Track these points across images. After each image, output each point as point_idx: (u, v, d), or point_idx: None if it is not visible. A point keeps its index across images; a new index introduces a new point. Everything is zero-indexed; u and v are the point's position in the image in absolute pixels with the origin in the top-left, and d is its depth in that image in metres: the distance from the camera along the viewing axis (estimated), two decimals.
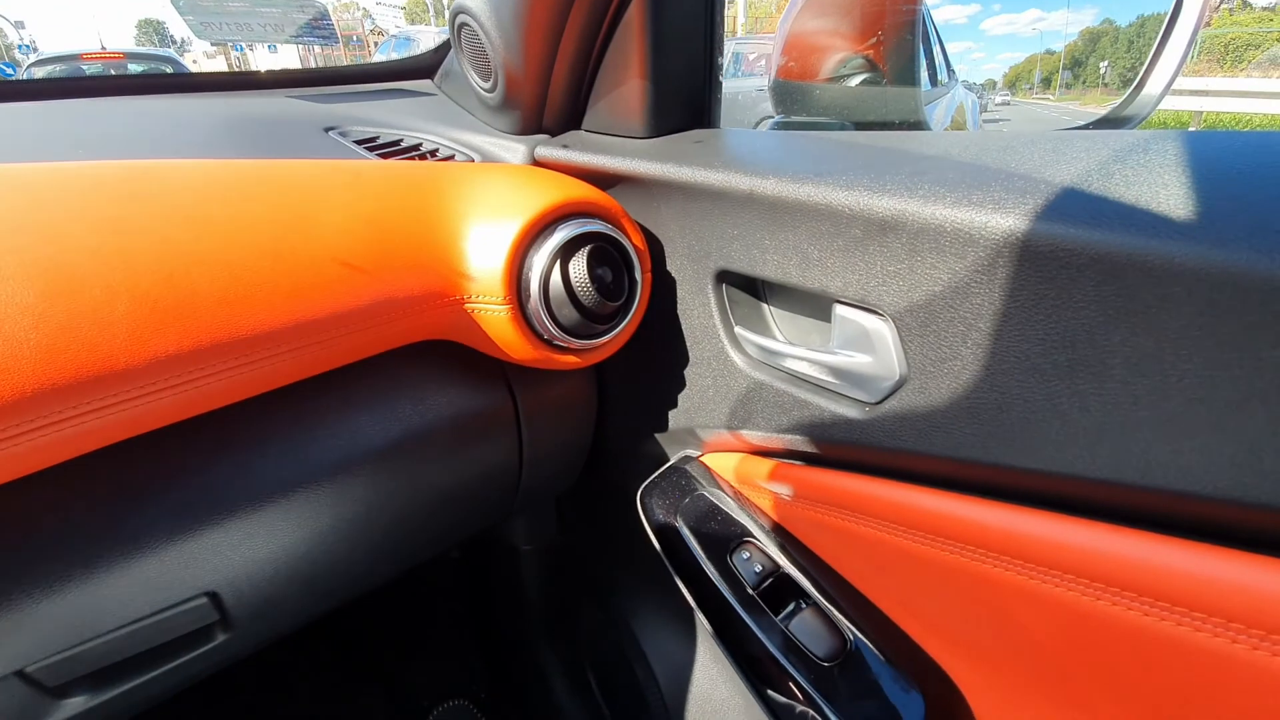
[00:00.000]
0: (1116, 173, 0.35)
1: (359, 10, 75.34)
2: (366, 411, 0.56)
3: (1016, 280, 0.36)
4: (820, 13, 0.73)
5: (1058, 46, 1.54)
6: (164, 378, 0.41)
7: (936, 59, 1.20)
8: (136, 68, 7.19)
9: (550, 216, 0.55)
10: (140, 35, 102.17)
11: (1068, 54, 1.45)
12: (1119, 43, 1.33)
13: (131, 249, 0.41)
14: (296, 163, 0.54)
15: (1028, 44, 1.51)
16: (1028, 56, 1.64)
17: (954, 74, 1.33)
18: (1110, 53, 1.31)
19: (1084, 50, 1.37)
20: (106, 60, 7.08)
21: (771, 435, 0.57)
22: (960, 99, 1.33)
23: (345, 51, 53.70)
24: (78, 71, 6.79)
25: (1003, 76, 1.64)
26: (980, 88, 1.50)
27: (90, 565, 0.45)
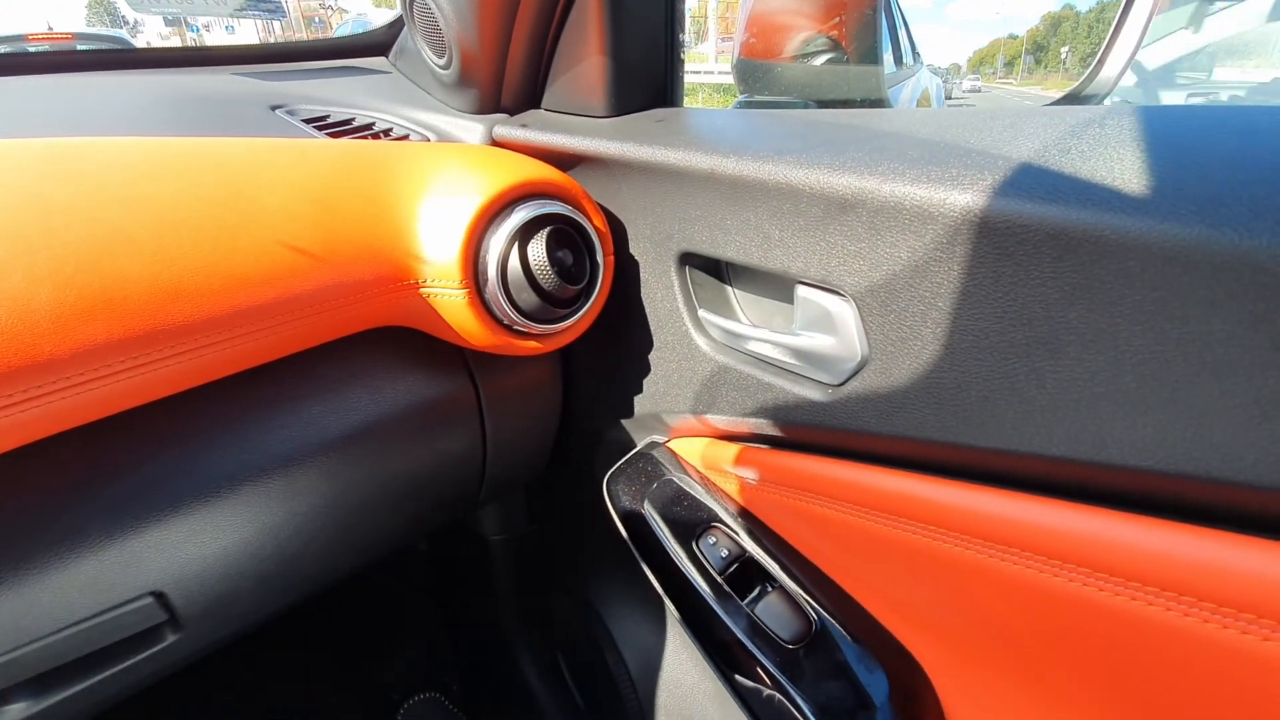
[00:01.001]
0: (1073, 148, 0.35)
1: None
2: (319, 401, 0.54)
3: (975, 257, 0.36)
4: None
5: (1020, 31, 1.54)
6: (92, 369, 0.39)
7: (902, 41, 1.19)
8: (86, 48, 6.90)
9: (508, 197, 0.53)
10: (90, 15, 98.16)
11: (1030, 39, 1.44)
12: (1079, 28, 1.35)
13: (55, 232, 0.39)
14: (236, 141, 0.52)
15: (992, 28, 1.47)
16: (991, 41, 1.65)
17: (919, 57, 1.33)
18: (1071, 38, 1.31)
19: (1045, 35, 1.35)
20: (54, 42, 6.77)
21: (736, 419, 0.56)
22: (925, 83, 1.33)
23: (308, 33, 52.27)
24: (26, 53, 6.50)
25: (967, 60, 1.65)
26: (945, 71, 1.51)
27: (21, 565, 0.42)
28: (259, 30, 46.14)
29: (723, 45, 17.57)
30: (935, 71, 1.40)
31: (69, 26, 50.48)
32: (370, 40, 0.85)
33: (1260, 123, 0.35)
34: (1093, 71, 0.68)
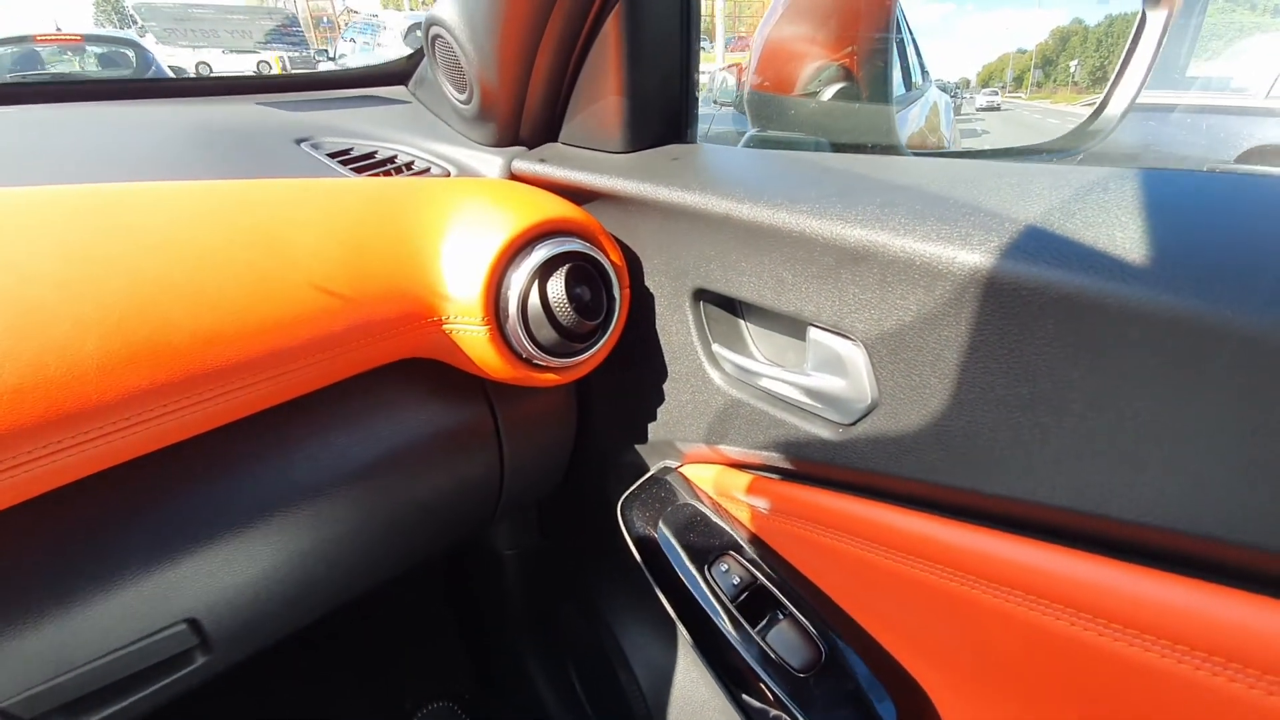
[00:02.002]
0: (1077, 212, 0.37)
1: None
2: (345, 432, 0.56)
3: (982, 314, 0.37)
4: (795, 24, 0.74)
5: (1029, 45, 1.52)
6: (137, 413, 0.40)
7: (911, 62, 1.20)
8: (96, 49, 6.94)
9: (528, 236, 0.55)
10: (98, 13, 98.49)
11: (1039, 53, 1.44)
12: (1088, 42, 1.35)
13: (101, 280, 0.41)
14: (269, 183, 0.54)
15: (1000, 43, 1.45)
16: (1000, 56, 1.62)
17: (928, 75, 1.34)
18: (1080, 51, 1.32)
19: (1054, 49, 1.35)
20: (63, 43, 6.80)
21: (749, 451, 0.58)
22: (934, 99, 1.34)
23: (316, 33, 52.32)
24: (31, 54, 6.53)
25: (976, 75, 1.66)
26: (955, 86, 1.52)
27: (65, 599, 0.44)
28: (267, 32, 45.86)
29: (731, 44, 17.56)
30: (945, 88, 1.41)
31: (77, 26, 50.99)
32: (390, 70, 0.87)
33: (1259, 194, 0.36)
34: (1097, 111, 0.69)
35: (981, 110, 1.76)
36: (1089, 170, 0.42)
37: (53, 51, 6.72)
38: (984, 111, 1.77)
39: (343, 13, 54.50)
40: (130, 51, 6.98)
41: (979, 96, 1.74)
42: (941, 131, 1.27)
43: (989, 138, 1.68)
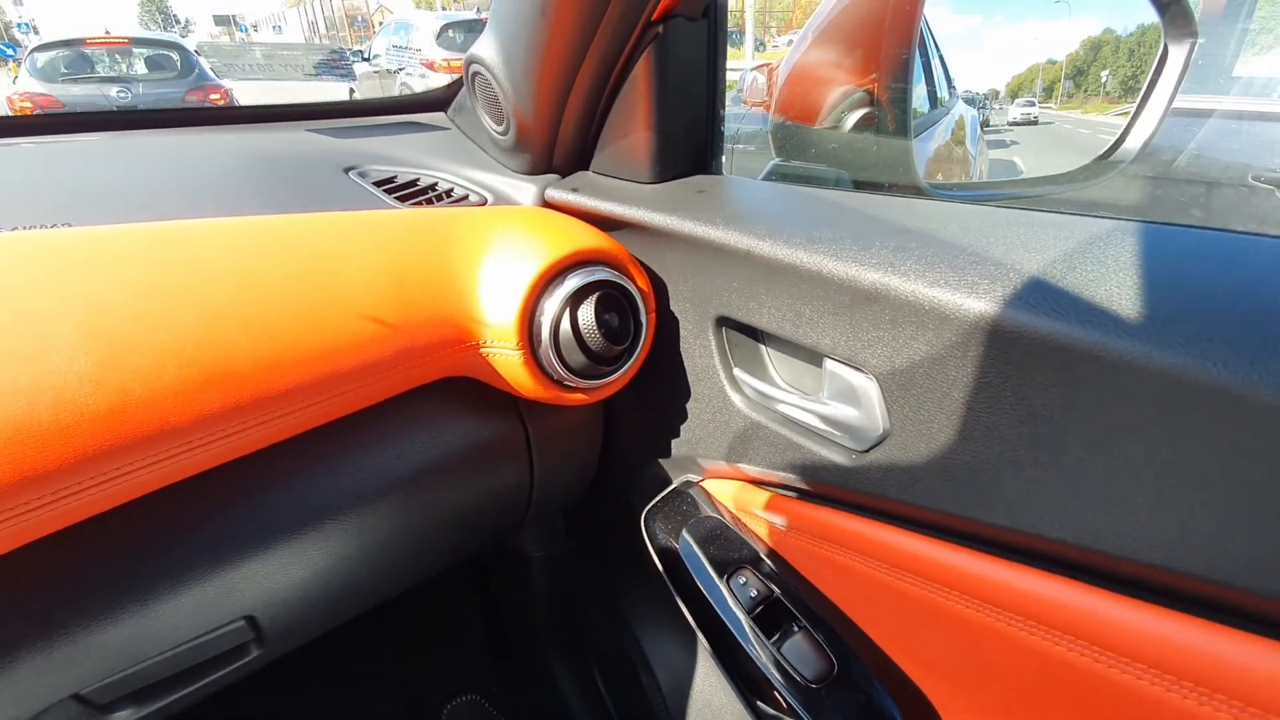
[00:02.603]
0: (1079, 266, 0.39)
1: None
2: (388, 446, 0.60)
3: (986, 358, 0.39)
4: (819, 53, 0.76)
5: (1059, 56, 1.49)
6: (208, 433, 0.45)
7: (937, 76, 1.21)
8: (142, 52, 7.20)
9: (561, 266, 0.58)
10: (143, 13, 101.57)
11: (1069, 63, 1.40)
12: (1119, 52, 1.31)
13: (173, 313, 0.45)
14: (321, 217, 0.58)
15: (1030, 54, 1.41)
16: (1029, 66, 1.58)
17: (954, 90, 1.35)
18: (1111, 61, 1.28)
19: (1085, 59, 1.32)
20: (111, 45, 7.07)
21: (767, 470, 0.61)
22: (959, 114, 1.34)
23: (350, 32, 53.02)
24: (82, 57, 6.80)
25: (1005, 86, 1.63)
26: (984, 98, 1.51)
27: (141, 596, 0.49)
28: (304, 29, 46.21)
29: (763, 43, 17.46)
30: (972, 100, 1.40)
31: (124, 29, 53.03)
32: (431, 98, 0.92)
33: (1255, 256, 0.38)
34: (1116, 143, 0.70)
35: (1015, 123, 1.55)
36: (1093, 222, 0.44)
37: (101, 54, 6.99)
38: (1017, 124, 1.56)
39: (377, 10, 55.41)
40: (175, 54, 7.23)
41: (1012, 108, 1.56)
42: (967, 146, 1.28)
43: (1017, 149, 1.64)
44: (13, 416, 0.38)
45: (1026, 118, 1.56)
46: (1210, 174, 1.26)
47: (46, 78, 6.43)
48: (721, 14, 0.62)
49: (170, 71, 7.02)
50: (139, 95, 6.62)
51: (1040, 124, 1.55)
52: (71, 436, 0.39)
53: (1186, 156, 1.24)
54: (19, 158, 0.73)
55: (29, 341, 0.40)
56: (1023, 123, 1.56)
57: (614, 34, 0.57)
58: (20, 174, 0.69)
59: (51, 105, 6.24)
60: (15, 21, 59.35)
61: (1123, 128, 0.70)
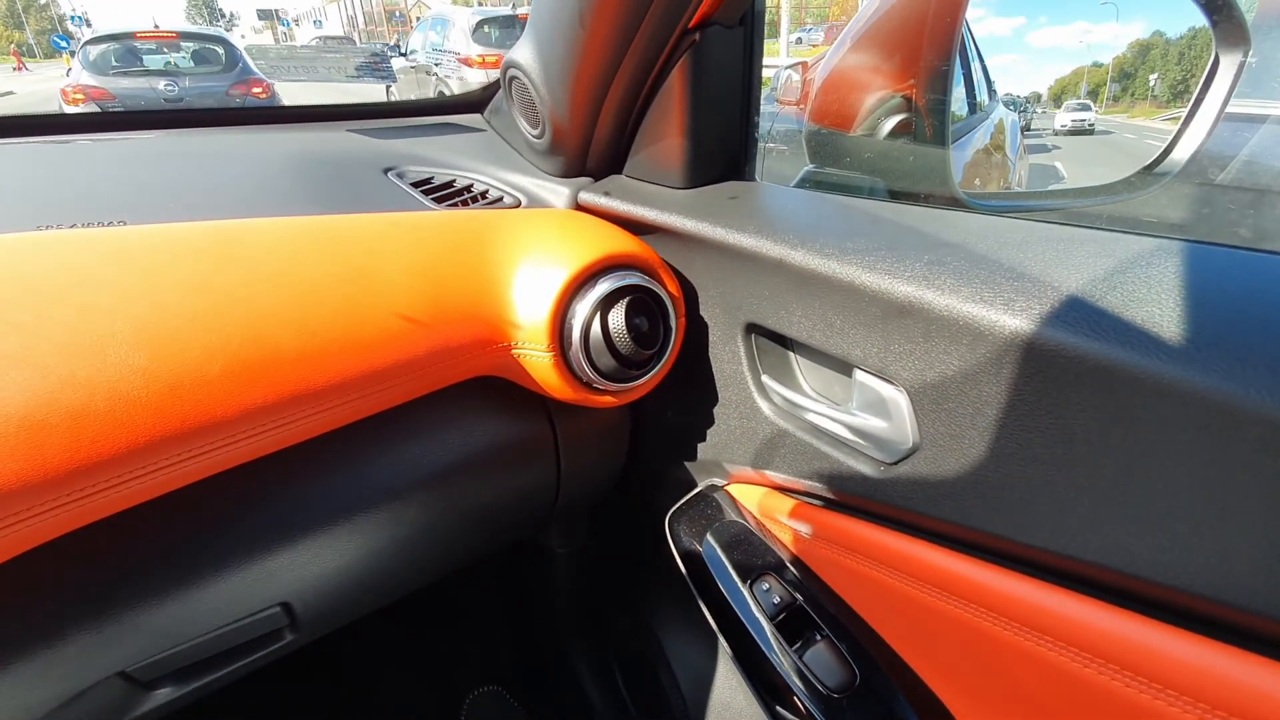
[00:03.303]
0: (1119, 285, 0.38)
1: None
2: (421, 443, 0.62)
3: (1022, 376, 0.39)
4: (856, 58, 0.75)
5: (1105, 59, 1.42)
6: (251, 427, 0.47)
7: (976, 80, 1.19)
8: (189, 45, 7.40)
9: (592, 270, 0.59)
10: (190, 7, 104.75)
11: (1116, 66, 1.35)
12: (1168, 55, 1.25)
13: (223, 312, 0.47)
14: (361, 219, 0.60)
15: (1075, 56, 1.35)
16: (1074, 69, 1.52)
17: (995, 94, 1.32)
18: (1160, 65, 1.23)
19: (1132, 63, 1.26)
20: (159, 39, 7.29)
21: (793, 478, 0.61)
22: (999, 117, 1.32)
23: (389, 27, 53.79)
24: (132, 49, 7.01)
25: (1048, 89, 1.57)
26: (1025, 100, 1.48)
27: (185, 581, 0.51)
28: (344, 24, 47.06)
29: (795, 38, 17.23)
30: (1013, 103, 1.37)
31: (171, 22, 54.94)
32: (468, 99, 0.93)
33: None
34: (1163, 153, 0.68)
35: (1065, 131, 1.28)
36: (1134, 240, 0.43)
37: (150, 47, 7.21)
38: (1067, 132, 1.28)
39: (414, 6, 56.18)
40: (220, 48, 7.42)
41: (1060, 113, 1.30)
42: (1006, 152, 1.25)
43: (1058, 154, 1.58)
44: (72, 406, 0.40)
45: (1079, 125, 1.26)
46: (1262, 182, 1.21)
47: (98, 70, 6.65)
48: (758, 21, 0.62)
49: (215, 65, 7.22)
50: (185, 88, 6.81)
51: (1098, 133, 1.28)
52: (125, 426, 0.41)
53: (1238, 164, 1.20)
54: (79, 155, 0.77)
55: (90, 337, 0.42)
56: (1075, 131, 1.26)
57: (650, 41, 0.58)
58: (81, 171, 0.72)
59: (103, 97, 6.46)
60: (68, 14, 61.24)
61: (1170, 137, 0.68)
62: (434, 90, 8.21)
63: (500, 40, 7.77)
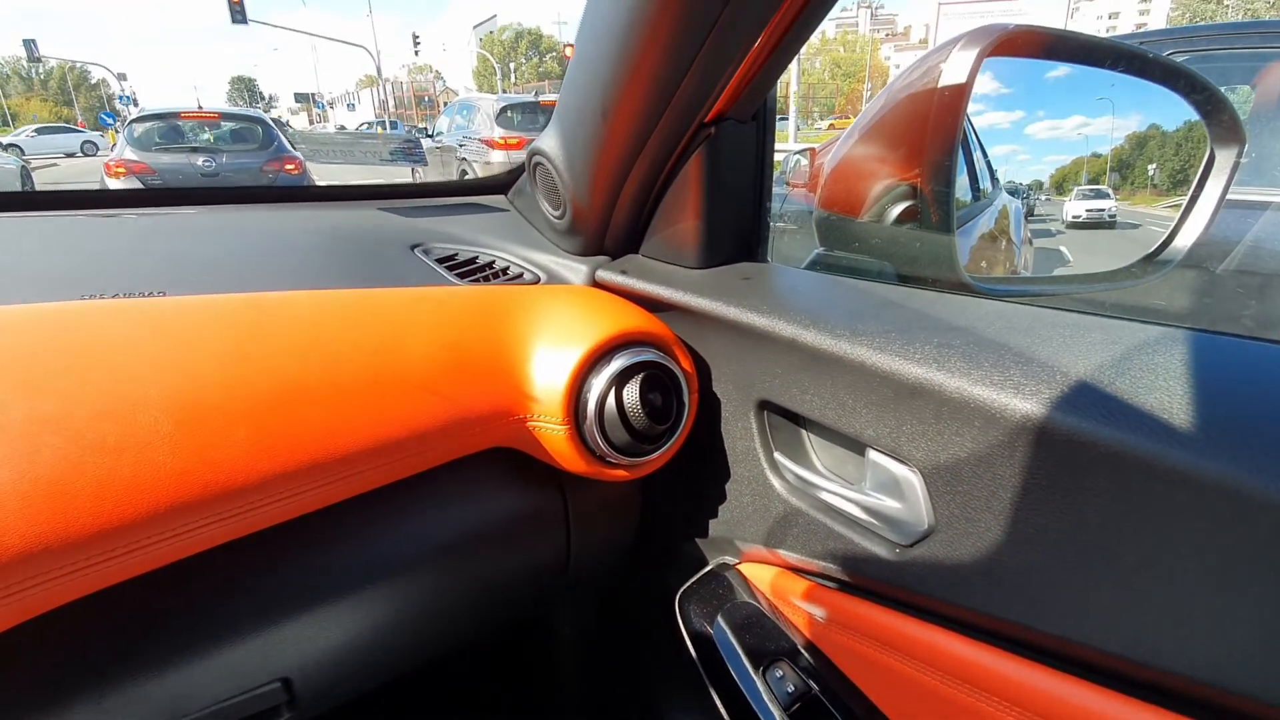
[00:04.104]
0: (1128, 371, 0.39)
1: (431, 73, 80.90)
2: (434, 512, 0.62)
3: (1035, 459, 0.39)
4: (863, 148, 0.79)
5: (1104, 150, 1.48)
6: (268, 495, 0.47)
7: (979, 168, 1.23)
8: (229, 125, 7.85)
9: (607, 346, 0.60)
10: (232, 90, 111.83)
11: (1114, 157, 1.40)
12: (1166, 146, 1.30)
13: (251, 381, 0.48)
14: (387, 293, 0.62)
15: (1073, 147, 1.42)
16: (1074, 159, 1.58)
17: (997, 183, 1.37)
18: (1158, 155, 1.27)
19: (1130, 153, 1.31)
20: (202, 119, 7.75)
21: (807, 558, 0.60)
22: (1002, 204, 1.36)
23: (417, 111, 56.90)
24: (176, 127, 7.44)
25: (1049, 177, 1.62)
26: (1027, 189, 1.53)
27: (188, 652, 0.50)
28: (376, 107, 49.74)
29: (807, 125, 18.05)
30: (1016, 190, 1.42)
31: (214, 101, 58.62)
32: (492, 182, 0.99)
33: None
34: (1165, 241, 0.71)
35: (1078, 224, 1.13)
36: (1140, 327, 0.44)
37: (194, 125, 7.64)
38: (1082, 222, 1.11)
39: (442, 91, 59.43)
40: (258, 127, 7.85)
41: (1071, 202, 1.17)
42: (1010, 236, 1.29)
43: (1063, 238, 1.62)
44: (98, 472, 0.41)
45: (1096, 217, 1.08)
46: (1265, 268, 1.22)
47: (142, 146, 7.03)
48: (770, 117, 0.66)
49: (252, 143, 7.61)
50: (222, 164, 7.17)
51: (1114, 221, 1.11)
52: (149, 491, 0.42)
53: (1240, 251, 1.21)
54: (124, 228, 0.81)
55: (122, 403, 0.43)
56: (1091, 224, 1.07)
57: (669, 134, 0.61)
58: (124, 244, 0.76)
59: (143, 171, 6.80)
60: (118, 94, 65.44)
61: (1170, 227, 0.70)
62: (458, 169, 8.60)
63: (522, 124, 8.18)
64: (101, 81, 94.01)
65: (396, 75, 73.77)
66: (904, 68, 0.78)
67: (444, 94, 65.40)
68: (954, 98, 0.62)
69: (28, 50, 44.23)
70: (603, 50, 0.57)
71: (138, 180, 6.72)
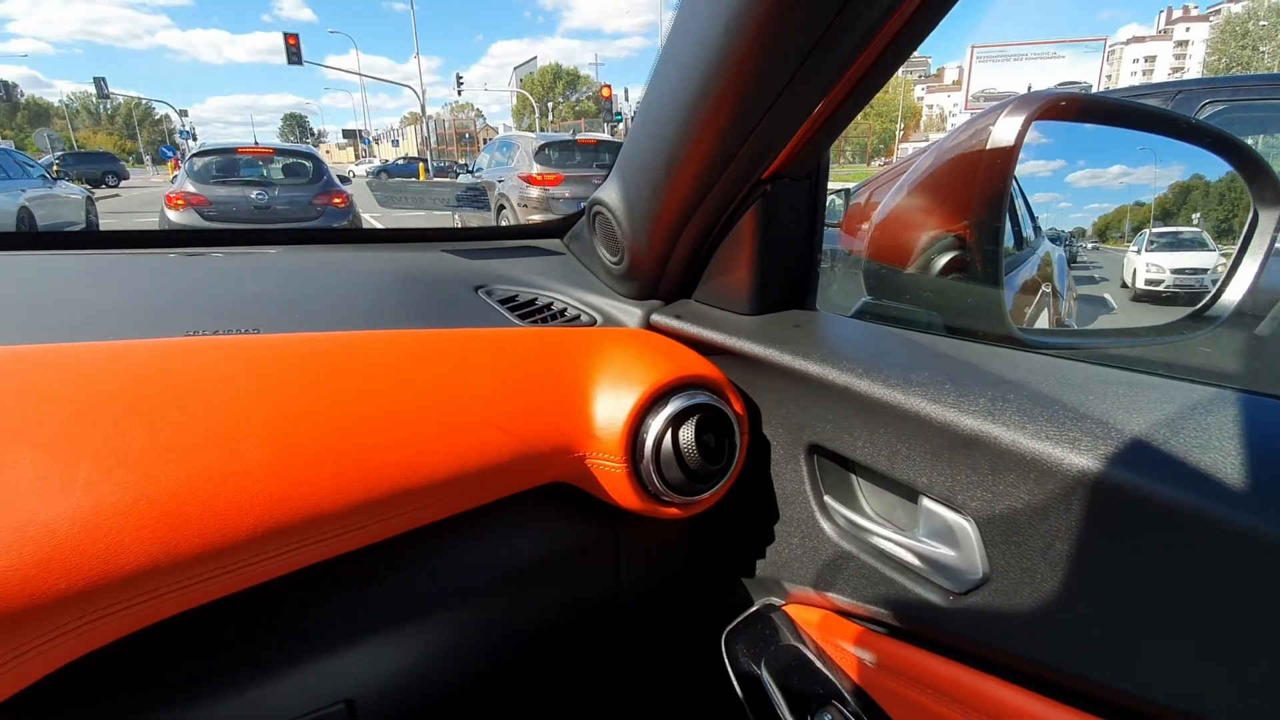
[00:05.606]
0: (1182, 430, 0.40)
1: (472, 110, 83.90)
2: (493, 544, 0.65)
3: (1090, 513, 0.41)
4: (913, 201, 0.82)
5: (1146, 199, 1.47)
6: (350, 524, 0.51)
7: (1021, 216, 1.25)
8: (282, 160, 8.24)
9: (665, 389, 0.63)
10: (284, 126, 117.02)
11: (1158, 205, 1.39)
12: (1210, 196, 1.29)
13: (338, 415, 0.52)
14: (458, 333, 0.66)
15: (1115, 196, 1.41)
16: (1116, 208, 1.56)
17: (1039, 230, 1.38)
18: (1201, 205, 1.25)
19: (1174, 202, 1.30)
20: (257, 154, 8.16)
21: (857, 602, 0.61)
22: (1045, 250, 1.37)
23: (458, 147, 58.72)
24: (233, 161, 7.83)
25: (1092, 225, 1.62)
26: (1069, 236, 1.54)
27: (265, 669, 0.53)
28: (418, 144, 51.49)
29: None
30: (1058, 238, 1.43)
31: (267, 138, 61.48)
32: (550, 226, 1.04)
33: None
34: (1213, 297, 0.71)
35: (1153, 294, 1.02)
36: (1192, 388, 0.45)
37: (249, 160, 8.04)
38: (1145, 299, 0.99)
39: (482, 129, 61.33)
40: (309, 163, 8.22)
41: (1141, 256, 1.06)
42: (1055, 284, 1.29)
43: (1105, 285, 1.61)
44: (206, 496, 0.45)
45: (1185, 281, 0.90)
46: None
47: (200, 179, 7.40)
48: (823, 175, 0.69)
49: (303, 178, 7.96)
50: (275, 197, 7.50)
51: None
52: (248, 516, 0.46)
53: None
54: (212, 267, 0.87)
55: (227, 432, 0.47)
56: (1180, 290, 0.88)
57: (727, 190, 0.65)
58: (215, 282, 0.82)
59: (200, 204, 7.15)
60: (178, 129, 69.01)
61: (1218, 283, 0.71)
62: (495, 203, 8.83)
63: (559, 161, 8.38)
64: (165, 117, 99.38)
65: (439, 113, 76.82)
66: (934, 106, 0.80)
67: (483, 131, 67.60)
68: (1002, 160, 0.64)
69: (98, 87, 47.09)
70: (671, 115, 0.61)
71: (196, 212, 7.06)
